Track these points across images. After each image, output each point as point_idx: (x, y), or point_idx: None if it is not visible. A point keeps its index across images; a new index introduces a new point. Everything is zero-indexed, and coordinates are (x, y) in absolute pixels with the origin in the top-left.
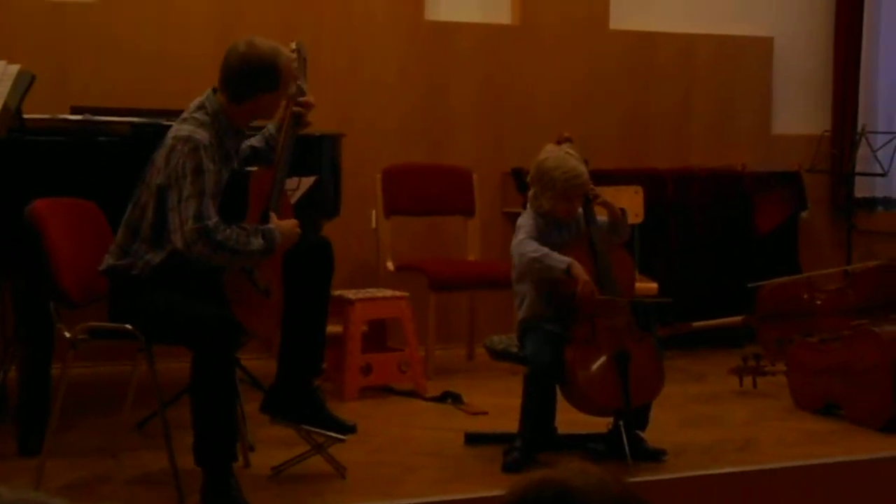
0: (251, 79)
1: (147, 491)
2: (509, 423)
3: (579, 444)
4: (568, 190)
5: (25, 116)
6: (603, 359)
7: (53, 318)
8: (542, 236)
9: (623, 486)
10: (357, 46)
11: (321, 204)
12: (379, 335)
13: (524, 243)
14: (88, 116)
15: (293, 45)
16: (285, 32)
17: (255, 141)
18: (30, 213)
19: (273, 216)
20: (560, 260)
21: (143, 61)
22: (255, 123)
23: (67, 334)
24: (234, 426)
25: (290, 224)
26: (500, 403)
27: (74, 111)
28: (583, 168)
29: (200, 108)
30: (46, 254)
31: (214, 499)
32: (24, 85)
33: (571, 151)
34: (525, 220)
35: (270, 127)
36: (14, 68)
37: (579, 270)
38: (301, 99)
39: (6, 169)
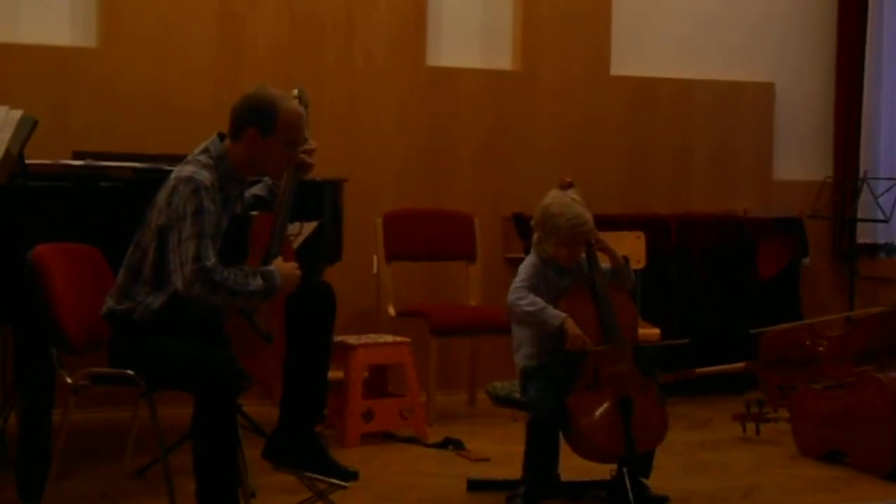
0: (247, 113)
1: None
2: (512, 469)
3: (583, 491)
4: (572, 236)
5: (27, 162)
6: (606, 405)
7: (55, 363)
8: (544, 281)
9: None
10: (358, 92)
11: (323, 249)
12: (380, 381)
13: (519, 295)
14: (90, 161)
15: (294, 92)
16: (286, 77)
17: (258, 189)
18: (31, 259)
19: (278, 259)
20: (554, 315)
21: (144, 106)
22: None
23: (69, 380)
24: (236, 472)
25: (290, 266)
26: (502, 450)
27: (76, 156)
28: (588, 215)
29: (205, 151)
30: (48, 299)
31: None
32: (26, 130)
33: (576, 197)
34: (526, 266)
35: None
36: (16, 114)
37: (571, 325)
38: (306, 147)
39: (8, 214)
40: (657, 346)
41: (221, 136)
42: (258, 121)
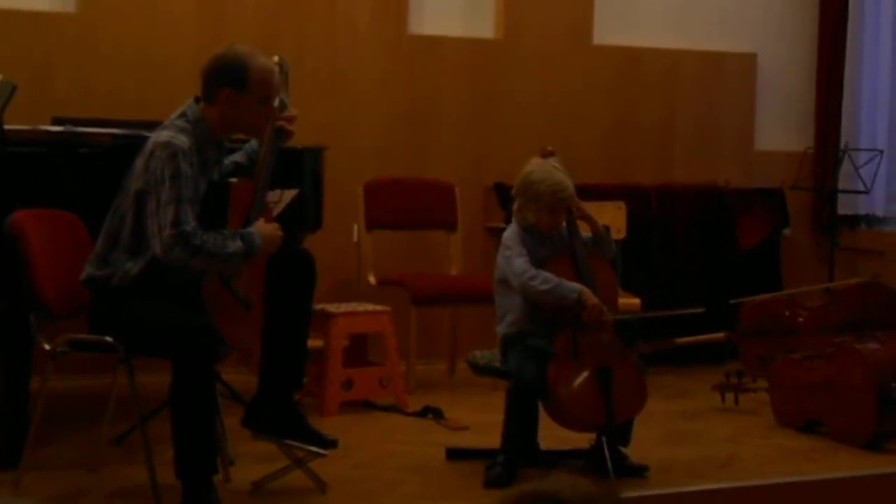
0: (218, 73)
1: None
2: (491, 438)
3: (562, 460)
4: (554, 203)
5: (7, 127)
6: (585, 375)
7: (33, 330)
8: (527, 251)
9: (614, 499)
10: (339, 60)
11: (303, 217)
12: (360, 350)
13: (530, 274)
14: (70, 127)
15: (275, 59)
16: (267, 44)
17: (237, 157)
18: (9, 225)
19: (260, 221)
20: (571, 289)
21: (125, 71)
22: (239, 137)
23: (47, 346)
24: (214, 438)
25: (271, 227)
26: (481, 419)
27: (56, 122)
28: (569, 182)
29: (181, 115)
30: (26, 265)
31: None
32: (4, 96)
33: (557, 165)
34: (511, 236)
35: (253, 142)
36: None
37: (589, 295)
38: (285, 114)
39: None
40: (660, 317)
41: (198, 100)
42: (231, 80)
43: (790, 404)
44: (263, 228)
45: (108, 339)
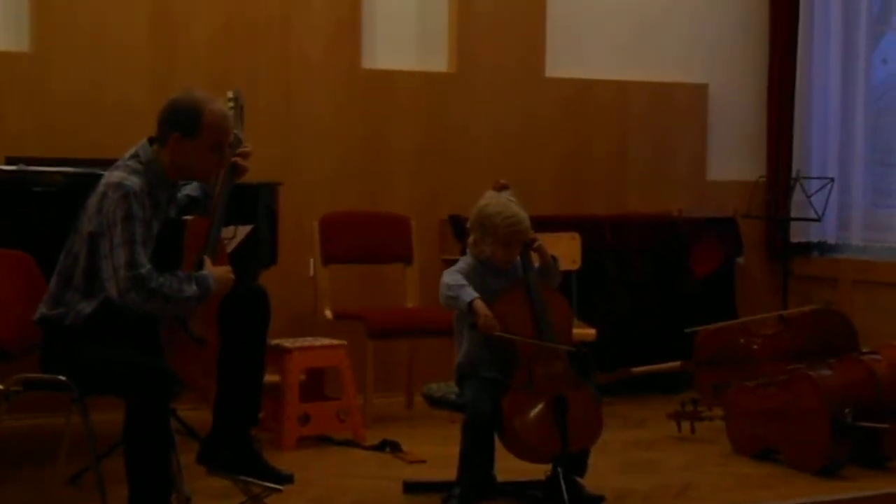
0: (170, 118)
1: None
2: (448, 471)
3: (518, 491)
4: (509, 236)
5: None
6: (541, 405)
7: None
8: (478, 281)
9: None
10: (293, 94)
11: (258, 252)
12: (317, 384)
13: (447, 273)
14: (23, 167)
15: (230, 94)
16: (220, 79)
17: (190, 190)
18: None
19: (207, 261)
20: (468, 294)
21: (79, 110)
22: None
23: (0, 386)
24: (170, 476)
25: (223, 270)
26: (439, 451)
27: (9, 161)
28: (524, 214)
29: (134, 156)
30: None
31: None
32: None
33: (511, 198)
34: (462, 261)
35: None
36: None
37: (480, 306)
38: (241, 150)
39: None
40: (591, 347)
41: (151, 141)
42: (182, 124)
43: (746, 432)
44: (216, 270)
45: (62, 378)
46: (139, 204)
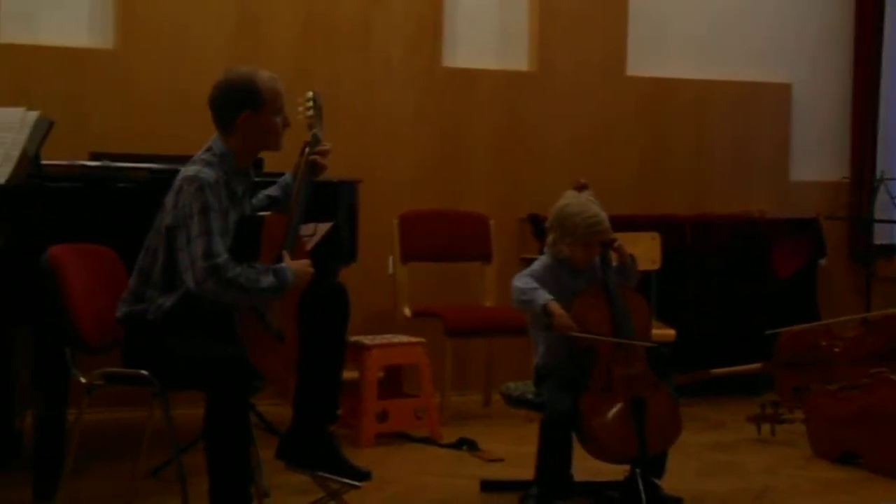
0: (230, 100)
1: None
2: (525, 470)
3: (595, 491)
4: (589, 236)
5: (44, 163)
6: (619, 406)
7: (69, 363)
8: (557, 283)
9: None
10: (374, 93)
11: (338, 250)
12: (395, 381)
13: (519, 277)
14: (107, 163)
15: (308, 94)
16: (301, 78)
17: (272, 190)
18: (47, 259)
19: (286, 255)
20: (542, 296)
21: (161, 107)
22: (270, 169)
23: (83, 380)
24: (249, 470)
25: (302, 263)
26: (516, 451)
27: (93, 157)
28: (604, 215)
29: (208, 149)
30: (63, 299)
31: None
32: (42, 131)
33: (591, 198)
34: (539, 262)
35: (287, 176)
36: (33, 115)
37: (555, 307)
38: (319, 148)
39: (24, 215)
40: (670, 348)
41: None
42: (247, 101)
43: (826, 435)
44: (295, 264)
45: (144, 372)
46: (215, 195)
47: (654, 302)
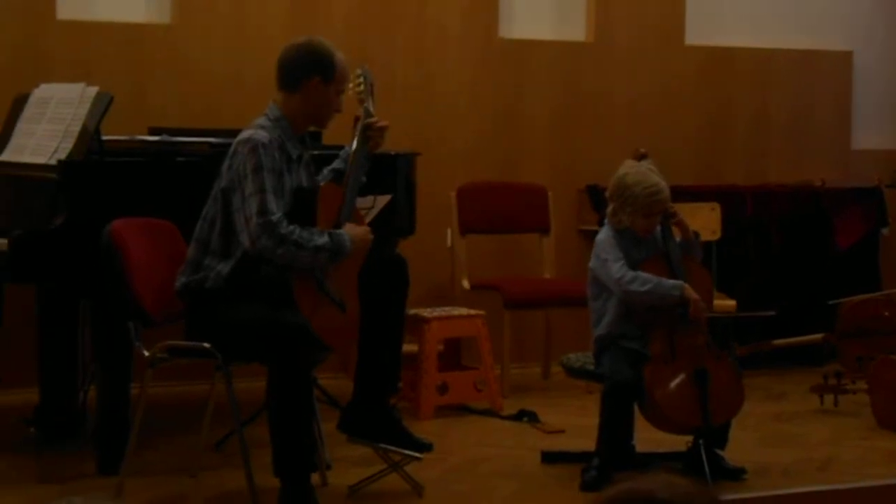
0: (306, 62)
1: None
2: (586, 441)
3: (658, 462)
4: (649, 206)
5: (104, 138)
6: (682, 377)
7: (132, 337)
8: (622, 254)
9: (710, 497)
10: (431, 65)
11: (396, 222)
12: (454, 354)
13: (627, 278)
14: (166, 137)
15: (359, 70)
16: (358, 52)
17: (335, 164)
18: (108, 234)
19: (346, 224)
20: (673, 286)
21: (218, 82)
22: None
23: (146, 353)
24: (312, 437)
25: (361, 230)
26: (576, 422)
27: (152, 132)
28: (664, 184)
29: (263, 116)
30: (125, 273)
31: None
32: (102, 107)
33: (651, 167)
34: (605, 239)
35: (348, 148)
36: (92, 90)
37: (691, 292)
38: (370, 120)
39: (85, 190)
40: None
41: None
42: (321, 69)
43: (890, 405)
44: (353, 231)
45: (206, 345)
46: (268, 155)
47: (714, 273)
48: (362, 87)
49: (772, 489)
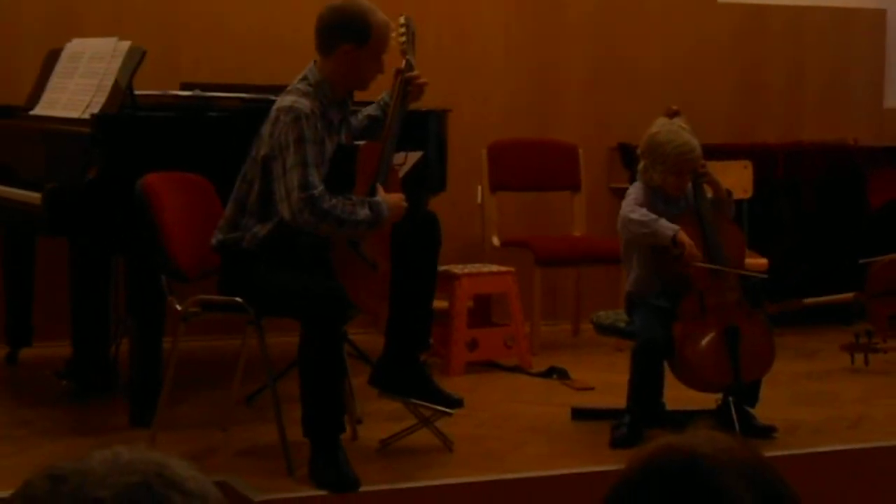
0: (339, 27)
1: (256, 463)
2: (616, 399)
3: (688, 420)
4: (680, 164)
5: (136, 93)
6: (712, 334)
7: (165, 291)
8: (649, 208)
9: (752, 453)
10: (463, 21)
11: (427, 179)
12: (484, 310)
13: (631, 208)
14: (198, 92)
15: (401, 20)
16: (391, 7)
17: (370, 109)
18: (141, 188)
19: (380, 189)
20: (667, 227)
21: (251, 40)
22: (360, 97)
23: (178, 307)
24: (342, 398)
25: (396, 198)
26: (606, 379)
27: (184, 87)
28: (695, 142)
29: (303, 79)
30: (158, 228)
31: (323, 470)
32: (134, 61)
33: (683, 125)
34: (634, 188)
35: (385, 95)
36: (125, 45)
37: (685, 237)
38: (410, 74)
39: (118, 144)
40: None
41: (316, 61)
42: (354, 35)
43: None
44: (390, 198)
45: (239, 300)
46: (311, 126)
47: (746, 231)
48: (405, 39)
49: (803, 447)
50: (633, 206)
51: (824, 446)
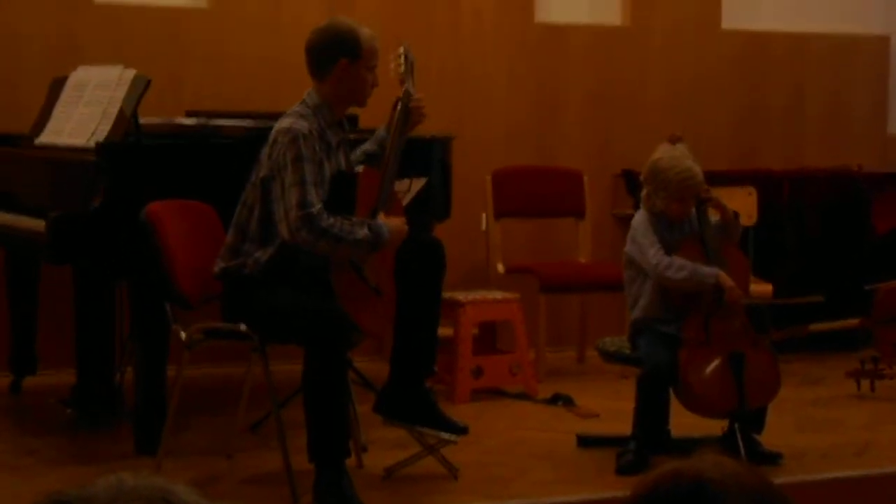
0: (331, 45)
1: (261, 490)
2: (621, 426)
3: (694, 446)
4: (682, 190)
5: (141, 121)
6: (717, 361)
7: (169, 318)
8: (658, 237)
9: (759, 478)
10: (466, 49)
11: (432, 206)
12: (489, 337)
13: (664, 264)
14: (203, 120)
15: (400, 49)
16: (395, 36)
17: (368, 145)
18: (145, 215)
19: (381, 214)
20: (708, 274)
21: (254, 68)
22: (365, 125)
23: (183, 335)
24: (347, 423)
25: (397, 221)
26: (612, 406)
27: (189, 115)
28: (697, 168)
29: (301, 103)
30: (162, 255)
31: (327, 496)
32: (139, 89)
33: (685, 151)
34: (640, 222)
35: (381, 130)
36: (130, 73)
37: (726, 279)
38: (413, 102)
39: (123, 172)
40: (780, 304)
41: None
42: (346, 50)
43: None
44: (391, 222)
45: (243, 327)
46: (308, 146)
47: (751, 257)
48: (403, 68)
49: (809, 474)
50: (658, 257)
51: (831, 473)
